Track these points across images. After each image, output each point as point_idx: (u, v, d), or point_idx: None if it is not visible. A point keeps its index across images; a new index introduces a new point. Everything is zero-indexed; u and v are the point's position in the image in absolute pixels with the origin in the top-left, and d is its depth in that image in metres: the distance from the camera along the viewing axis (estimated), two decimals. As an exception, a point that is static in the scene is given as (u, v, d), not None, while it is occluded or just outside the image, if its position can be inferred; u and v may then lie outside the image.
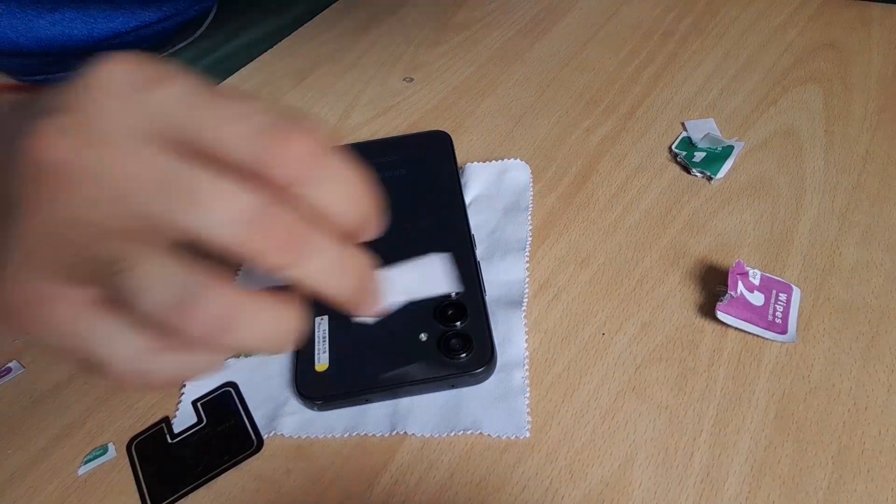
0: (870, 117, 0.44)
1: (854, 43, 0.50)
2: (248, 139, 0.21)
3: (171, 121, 0.21)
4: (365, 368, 0.32)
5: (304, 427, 0.32)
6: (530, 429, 0.31)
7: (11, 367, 0.36)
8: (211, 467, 0.31)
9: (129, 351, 0.21)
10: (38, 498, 0.31)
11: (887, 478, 0.27)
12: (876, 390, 0.30)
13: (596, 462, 0.29)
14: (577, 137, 0.46)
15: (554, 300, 0.36)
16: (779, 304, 0.33)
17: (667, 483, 0.28)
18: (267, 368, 0.35)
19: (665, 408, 0.31)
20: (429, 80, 0.53)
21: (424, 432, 0.31)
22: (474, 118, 0.49)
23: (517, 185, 0.42)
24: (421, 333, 0.33)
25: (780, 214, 0.38)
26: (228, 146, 0.21)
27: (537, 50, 0.55)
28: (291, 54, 0.58)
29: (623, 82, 0.50)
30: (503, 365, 0.33)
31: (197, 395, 0.34)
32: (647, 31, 0.55)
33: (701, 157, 0.42)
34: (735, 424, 0.30)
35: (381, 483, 0.30)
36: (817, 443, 0.29)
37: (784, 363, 0.32)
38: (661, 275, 0.36)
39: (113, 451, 0.32)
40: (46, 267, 0.21)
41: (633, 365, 0.32)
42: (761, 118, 0.45)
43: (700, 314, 0.34)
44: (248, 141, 0.21)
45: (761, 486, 0.28)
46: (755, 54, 0.51)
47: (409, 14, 0.62)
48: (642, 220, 0.39)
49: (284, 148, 0.21)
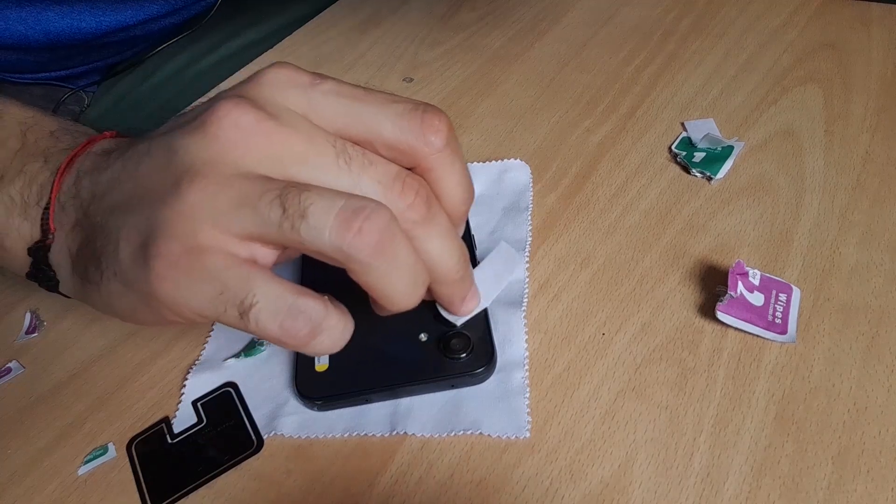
0: (870, 117, 0.44)
1: (854, 43, 0.50)
2: (397, 117, 0.26)
3: (329, 109, 0.26)
4: (365, 368, 0.32)
5: (304, 427, 0.32)
6: (530, 429, 0.31)
7: (11, 367, 0.36)
8: (211, 467, 0.31)
9: (276, 293, 0.24)
10: (38, 498, 0.31)
11: (887, 478, 0.27)
12: (876, 390, 0.30)
13: (596, 462, 0.29)
14: (577, 137, 0.46)
15: (554, 300, 0.36)
16: (779, 304, 0.33)
17: (667, 483, 0.28)
18: (267, 368, 0.35)
19: (665, 408, 0.31)
20: (429, 80, 0.53)
21: (424, 432, 0.31)
22: (474, 118, 0.49)
23: (517, 185, 0.42)
24: (421, 333, 0.33)
25: (780, 214, 0.38)
26: (380, 124, 0.26)
27: (537, 50, 0.55)
28: (291, 54, 0.58)
29: (623, 82, 0.50)
30: (503, 365, 0.33)
31: (197, 395, 0.34)
32: (647, 31, 0.55)
33: (701, 157, 0.42)
34: (735, 424, 0.30)
35: (381, 483, 0.30)
36: (817, 443, 0.29)
37: (784, 363, 0.32)
38: (661, 275, 0.36)
39: (113, 451, 0.32)
40: (211, 221, 0.24)
41: (633, 365, 0.32)
42: (761, 118, 0.45)
43: (700, 314, 0.34)
44: (397, 118, 0.26)
45: (761, 486, 0.28)
46: (755, 54, 0.51)
47: (409, 14, 0.62)
48: (642, 220, 0.39)
49: (430, 122, 0.26)
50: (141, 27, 0.60)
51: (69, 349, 0.37)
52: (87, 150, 0.30)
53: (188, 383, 0.34)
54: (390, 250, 0.24)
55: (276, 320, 0.24)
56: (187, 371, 0.35)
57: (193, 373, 0.35)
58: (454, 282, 0.29)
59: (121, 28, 0.58)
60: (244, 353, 0.35)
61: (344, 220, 0.23)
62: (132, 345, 0.37)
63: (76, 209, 0.29)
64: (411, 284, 0.26)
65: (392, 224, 0.24)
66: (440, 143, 0.26)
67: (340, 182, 0.25)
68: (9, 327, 0.39)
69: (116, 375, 0.35)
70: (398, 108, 0.26)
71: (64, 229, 0.29)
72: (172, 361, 0.36)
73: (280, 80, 0.26)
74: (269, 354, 0.35)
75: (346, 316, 0.26)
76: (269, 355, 0.35)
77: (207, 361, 0.35)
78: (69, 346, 0.37)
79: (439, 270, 0.28)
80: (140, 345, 0.37)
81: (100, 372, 0.36)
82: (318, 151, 0.25)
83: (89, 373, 0.36)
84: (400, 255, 0.25)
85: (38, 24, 0.54)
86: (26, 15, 0.53)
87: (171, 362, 0.36)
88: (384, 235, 0.24)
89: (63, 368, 0.36)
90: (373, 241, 0.24)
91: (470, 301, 0.31)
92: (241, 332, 0.36)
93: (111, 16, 0.56)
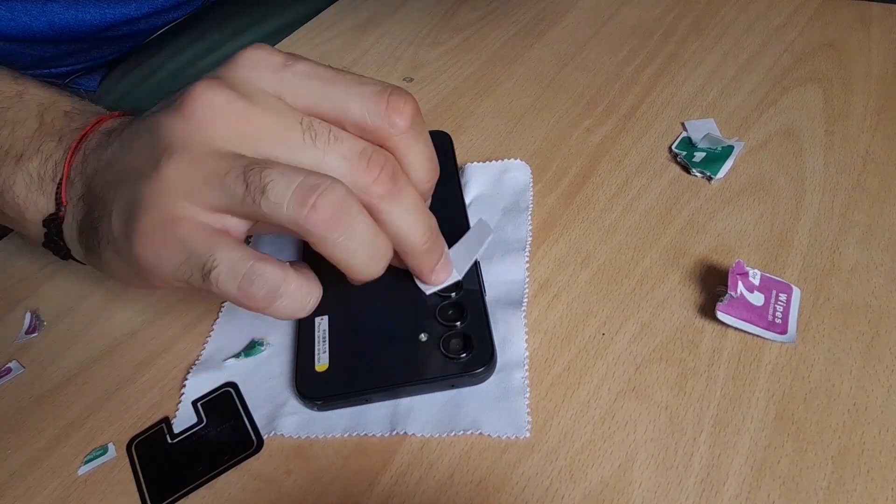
0: (870, 117, 0.44)
1: (854, 43, 0.50)
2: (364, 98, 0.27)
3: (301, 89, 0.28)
4: (365, 368, 0.32)
5: (304, 427, 0.32)
6: (530, 429, 0.31)
7: (11, 367, 0.36)
8: (211, 467, 0.31)
9: (235, 258, 0.26)
10: (38, 498, 0.31)
11: (887, 478, 0.27)
12: (876, 390, 0.30)
13: (596, 462, 0.29)
14: (577, 137, 0.46)
15: (554, 300, 0.36)
16: (779, 304, 0.33)
17: (667, 483, 0.28)
18: (267, 368, 0.35)
19: (665, 408, 0.31)
20: (429, 80, 0.53)
21: (424, 432, 0.31)
22: (474, 118, 0.49)
23: (517, 185, 0.42)
24: (421, 333, 0.33)
25: (780, 214, 0.38)
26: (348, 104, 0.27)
27: (537, 50, 0.55)
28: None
29: (623, 82, 0.50)
30: (503, 365, 0.33)
31: (197, 395, 0.34)
32: (647, 31, 0.55)
33: (701, 157, 0.42)
34: (735, 424, 0.30)
35: (381, 483, 0.30)
36: (817, 443, 0.29)
37: (784, 363, 0.32)
38: (661, 275, 0.36)
39: (113, 451, 0.32)
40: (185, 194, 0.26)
41: (633, 365, 0.32)
42: (761, 118, 0.45)
43: (700, 314, 0.34)
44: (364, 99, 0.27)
45: (761, 486, 0.28)
46: (755, 54, 0.51)
47: (409, 14, 0.62)
48: (642, 220, 0.39)
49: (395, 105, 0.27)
50: (146, 20, 0.60)
51: (69, 349, 0.37)
52: (94, 129, 0.33)
53: (188, 383, 0.34)
54: (346, 224, 0.26)
55: (234, 282, 0.26)
56: (187, 371, 0.35)
57: (193, 373, 0.35)
58: (422, 253, 0.30)
59: (126, 21, 0.58)
60: (244, 353, 0.35)
61: (300, 196, 0.25)
62: (132, 345, 0.37)
63: (82, 184, 0.32)
64: (371, 256, 0.27)
65: (347, 199, 0.25)
66: (404, 124, 0.28)
67: (307, 159, 0.27)
68: (9, 327, 0.39)
69: (116, 375, 0.35)
70: (366, 90, 0.28)
71: (72, 201, 0.32)
72: (172, 361, 0.36)
73: (255, 62, 0.28)
74: (269, 354, 0.35)
75: (309, 282, 0.27)
76: (269, 355, 0.35)
77: (207, 361, 0.35)
78: (69, 346, 0.37)
79: (407, 242, 0.29)
80: (140, 345, 0.37)
81: (100, 372, 0.36)
82: (287, 129, 0.27)
83: (89, 373, 0.36)
84: (356, 228, 0.26)
85: (43, 15, 0.54)
86: (31, 6, 0.53)
87: (171, 362, 0.36)
88: (339, 210, 0.25)
89: (63, 368, 0.36)
90: (326, 216, 0.25)
91: (441, 272, 0.32)
92: (242, 333, 0.36)
93: (116, 8, 0.56)
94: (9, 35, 0.54)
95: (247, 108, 0.27)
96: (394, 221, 0.28)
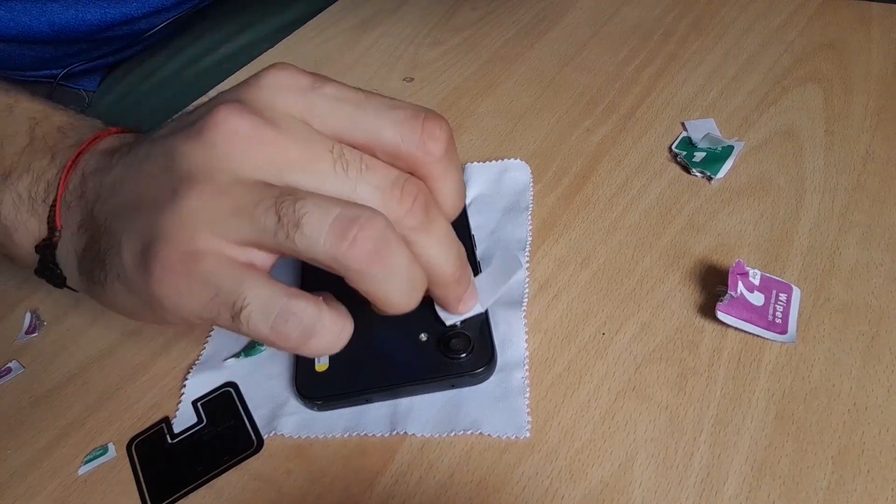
0: (870, 117, 0.44)
1: (854, 43, 0.50)
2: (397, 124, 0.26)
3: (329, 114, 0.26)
4: (365, 368, 0.32)
5: (304, 427, 0.32)
6: (530, 429, 0.31)
7: (11, 367, 0.36)
8: (211, 467, 0.31)
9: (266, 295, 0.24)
10: (38, 498, 0.31)
11: (887, 478, 0.27)
12: (876, 390, 0.30)
13: (596, 462, 0.29)
14: (577, 137, 0.46)
15: (554, 300, 0.36)
16: (779, 304, 0.33)
17: (667, 483, 0.28)
18: (267, 368, 0.35)
19: (665, 408, 0.31)
20: (429, 80, 0.53)
21: (424, 432, 0.31)
22: (474, 118, 0.49)
23: (517, 185, 0.42)
24: (421, 333, 0.33)
25: (780, 214, 0.38)
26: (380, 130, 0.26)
27: (537, 50, 0.55)
28: (291, 54, 0.58)
29: (623, 82, 0.50)
30: (503, 365, 0.33)
31: (197, 395, 0.34)
32: (647, 31, 0.55)
33: (701, 157, 0.42)
34: (735, 424, 0.30)
35: (381, 483, 0.30)
36: (817, 443, 0.29)
37: (784, 363, 0.32)
38: (661, 275, 0.36)
39: (113, 451, 0.32)
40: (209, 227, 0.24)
41: (633, 365, 0.32)
42: (761, 118, 0.45)
43: (700, 314, 0.34)
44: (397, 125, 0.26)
45: (761, 486, 0.28)
46: (755, 54, 0.51)
47: (409, 14, 0.62)
48: (642, 220, 0.39)
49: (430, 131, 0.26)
50: (146, 20, 0.60)
51: (69, 349, 0.37)
52: (92, 147, 0.30)
53: (188, 383, 0.34)
54: (386, 258, 0.24)
55: (266, 322, 0.24)
56: (187, 371, 0.35)
57: (193, 373, 0.35)
58: (451, 284, 0.29)
59: (126, 20, 0.58)
60: (244, 353, 0.35)
61: (339, 230, 0.23)
62: (132, 345, 0.37)
63: (81, 210, 0.29)
64: (409, 289, 0.26)
65: (387, 232, 0.24)
66: (439, 151, 0.26)
67: (338, 188, 0.25)
68: (9, 327, 0.39)
69: (116, 375, 0.35)
70: (398, 115, 0.26)
71: (70, 229, 0.29)
72: (172, 361, 0.36)
73: (279, 84, 0.26)
74: (269, 354, 0.35)
75: (342, 317, 0.26)
76: (269, 355, 0.35)
77: (207, 361, 0.35)
78: (69, 346, 0.37)
79: (437, 273, 0.28)
80: (140, 345, 0.37)
81: (100, 372, 0.36)
82: (316, 158, 0.25)
83: (89, 373, 0.36)
84: (396, 262, 0.25)
85: (43, 14, 0.54)
86: (31, 6, 0.53)
87: (171, 362, 0.36)
88: (379, 244, 0.24)
89: (63, 368, 0.36)
90: (368, 251, 0.24)
91: (467, 302, 0.31)
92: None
93: (116, 8, 0.56)
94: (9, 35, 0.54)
95: (273, 136, 0.25)
96: (425, 253, 0.27)
